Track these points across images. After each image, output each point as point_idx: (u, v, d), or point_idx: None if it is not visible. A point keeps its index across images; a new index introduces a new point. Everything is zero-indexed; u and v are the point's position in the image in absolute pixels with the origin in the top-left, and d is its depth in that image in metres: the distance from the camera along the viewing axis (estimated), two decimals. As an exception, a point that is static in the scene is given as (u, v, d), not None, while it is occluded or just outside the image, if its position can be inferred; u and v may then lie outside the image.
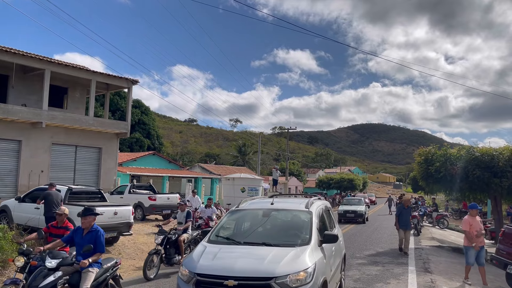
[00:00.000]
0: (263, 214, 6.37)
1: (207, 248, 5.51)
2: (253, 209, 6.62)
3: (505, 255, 9.94)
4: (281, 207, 6.50)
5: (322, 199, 7.92)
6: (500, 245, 10.37)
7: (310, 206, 6.33)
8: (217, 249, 5.40)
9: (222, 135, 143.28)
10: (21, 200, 12.39)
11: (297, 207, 6.40)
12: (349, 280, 8.94)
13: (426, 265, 10.95)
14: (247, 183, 24.46)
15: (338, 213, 24.82)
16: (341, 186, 65.14)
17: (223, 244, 5.65)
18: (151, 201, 17.79)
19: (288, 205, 6.70)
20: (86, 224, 6.02)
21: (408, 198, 14.41)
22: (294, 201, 7.12)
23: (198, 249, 5.56)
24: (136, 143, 46.82)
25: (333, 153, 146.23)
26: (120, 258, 7.02)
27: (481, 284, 9.25)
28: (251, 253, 5.22)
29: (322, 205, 7.02)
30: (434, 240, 16.68)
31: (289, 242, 5.52)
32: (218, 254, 5.22)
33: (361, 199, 28.61)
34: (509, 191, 15.01)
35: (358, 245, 14.81)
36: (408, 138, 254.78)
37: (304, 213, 6.15)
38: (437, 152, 16.36)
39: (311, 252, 5.22)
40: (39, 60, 17.10)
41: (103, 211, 11.20)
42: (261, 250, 5.23)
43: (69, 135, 18.31)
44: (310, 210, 6.18)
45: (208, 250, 5.42)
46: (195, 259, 5.21)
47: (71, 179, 18.11)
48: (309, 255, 5.13)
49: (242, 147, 66.19)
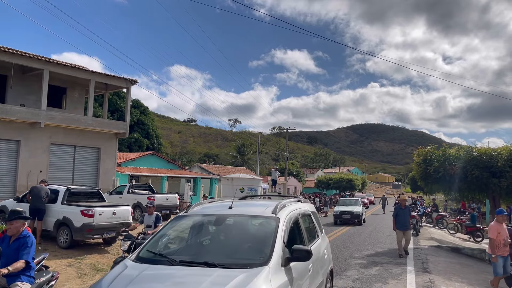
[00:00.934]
0: (216, 221, 4.94)
1: (126, 269, 3.98)
2: (205, 215, 5.09)
3: (503, 255, 9.93)
4: (240, 212, 4.96)
5: (305, 200, 6.77)
6: (499, 245, 10.37)
7: (279, 211, 4.79)
8: (137, 271, 3.88)
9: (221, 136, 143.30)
10: (19, 200, 12.39)
11: (261, 212, 4.89)
12: (347, 280, 8.94)
13: (424, 265, 10.96)
14: (246, 183, 24.43)
15: (334, 214, 24.10)
16: (340, 186, 65.29)
17: (151, 263, 4.11)
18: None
19: (251, 209, 5.25)
20: (13, 230, 4.90)
21: (404, 198, 13.88)
22: (261, 204, 5.54)
23: (115, 270, 4.02)
24: (135, 143, 46.81)
25: (332, 153, 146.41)
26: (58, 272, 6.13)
27: (484, 284, 9.25)
28: (182, 279, 3.76)
29: (298, 210, 5.49)
30: (433, 240, 16.69)
31: (240, 261, 4.03)
32: (136, 279, 3.70)
33: (358, 199, 26.95)
34: (508, 191, 15.05)
35: (356, 245, 14.81)
36: (407, 139, 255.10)
37: (269, 220, 4.63)
38: (436, 152, 16.40)
39: (267, 277, 3.71)
40: (37, 60, 17.08)
41: (102, 211, 11.20)
42: (197, 275, 3.74)
43: (68, 136, 18.29)
44: (278, 216, 4.65)
45: (125, 273, 3.87)
46: (102, 286, 3.70)
47: (70, 179, 18.10)
48: (264, 280, 3.64)
49: (241, 147, 66.23)
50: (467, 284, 9.28)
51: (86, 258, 10.63)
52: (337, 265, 10.86)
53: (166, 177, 30.05)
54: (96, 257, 10.94)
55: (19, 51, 17.07)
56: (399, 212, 12.92)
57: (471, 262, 13.15)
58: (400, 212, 12.91)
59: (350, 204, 24.97)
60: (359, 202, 25.66)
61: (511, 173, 14.60)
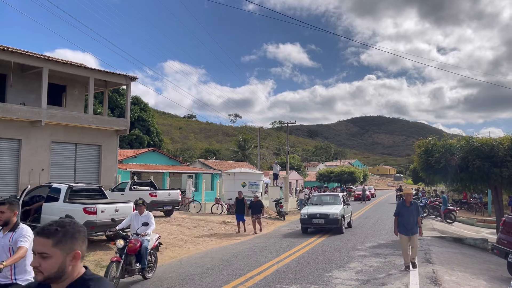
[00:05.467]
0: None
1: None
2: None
3: (506, 244, 9.97)
4: None
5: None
6: (501, 235, 10.40)
7: None
8: None
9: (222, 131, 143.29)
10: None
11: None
12: (351, 272, 8.98)
13: (427, 255, 10.99)
14: (248, 177, 24.50)
15: (301, 218, 16.30)
16: (342, 179, 65.38)
17: None
18: (152, 197, 17.83)
19: None
20: None
21: (409, 192, 10.29)
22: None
23: None
24: (136, 140, 46.83)
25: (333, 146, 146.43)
26: None
27: (487, 274, 9.28)
28: None
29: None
30: (435, 231, 16.72)
31: None
32: None
33: (337, 195, 18.21)
34: (509, 181, 15.04)
35: (359, 237, 14.85)
36: (408, 130, 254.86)
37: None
38: (437, 143, 16.38)
39: None
40: (37, 58, 17.05)
41: (104, 208, 11.22)
42: None
43: (69, 134, 18.29)
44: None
45: None
46: None
47: (71, 177, 18.12)
48: None
49: (242, 141, 66.24)
50: (470, 274, 9.31)
51: (90, 255, 10.68)
52: (340, 257, 10.91)
53: (167, 173, 30.08)
54: (100, 254, 10.99)
55: (18, 50, 17.04)
56: (403, 211, 9.61)
57: (473, 252, 13.18)
58: (404, 210, 9.61)
59: (325, 203, 17.54)
60: (339, 199, 17.49)
61: (512, 162, 14.62)
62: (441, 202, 23.61)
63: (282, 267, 9.66)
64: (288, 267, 9.61)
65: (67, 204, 11.41)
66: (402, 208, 9.67)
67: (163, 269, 9.74)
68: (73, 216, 10.96)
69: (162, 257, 11.56)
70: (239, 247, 13.09)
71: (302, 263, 10.07)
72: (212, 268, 9.71)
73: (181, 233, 15.26)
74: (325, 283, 8.07)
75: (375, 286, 7.83)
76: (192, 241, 13.98)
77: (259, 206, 17.10)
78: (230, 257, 11.16)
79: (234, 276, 8.73)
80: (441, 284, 7.96)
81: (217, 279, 8.52)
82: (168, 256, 11.70)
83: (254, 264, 10.00)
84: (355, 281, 8.18)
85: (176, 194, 19.32)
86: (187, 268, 9.77)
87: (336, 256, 11.03)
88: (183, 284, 8.20)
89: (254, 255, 11.32)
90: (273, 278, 8.49)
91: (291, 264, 9.98)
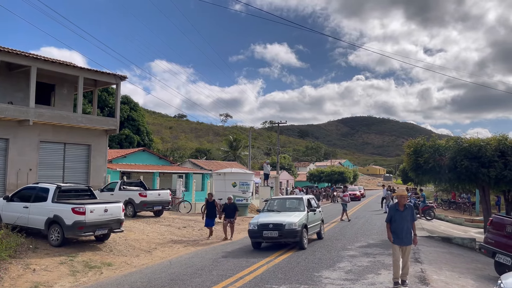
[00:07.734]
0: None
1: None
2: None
3: (493, 244, 10.09)
4: None
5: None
6: (489, 234, 10.53)
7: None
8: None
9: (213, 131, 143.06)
10: (9, 199, 12.27)
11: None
12: (340, 272, 9.01)
13: (416, 255, 11.08)
14: (239, 177, 24.45)
15: (249, 230, 12.37)
16: (332, 179, 65.63)
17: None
18: (142, 197, 17.74)
19: None
20: None
21: (403, 194, 8.42)
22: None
23: None
24: (126, 140, 46.47)
25: (323, 146, 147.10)
26: None
27: (474, 273, 9.38)
28: None
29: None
30: (424, 231, 16.87)
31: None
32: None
33: (301, 199, 13.81)
34: (497, 181, 15.21)
35: (349, 237, 14.92)
36: (398, 131, 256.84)
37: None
38: (426, 143, 16.52)
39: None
40: (25, 57, 16.83)
41: (93, 209, 11.13)
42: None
43: (57, 133, 18.09)
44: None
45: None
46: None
47: (60, 177, 17.93)
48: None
49: (233, 141, 66.17)
50: (458, 273, 9.41)
51: (78, 256, 10.57)
52: (329, 257, 10.94)
53: (157, 173, 29.93)
54: (89, 254, 10.89)
55: (5, 48, 16.80)
56: (396, 216, 8.17)
57: (461, 252, 13.33)
58: (397, 215, 8.15)
59: (283, 209, 13.58)
60: (303, 204, 13.35)
61: (499, 163, 14.77)
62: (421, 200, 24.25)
63: (272, 267, 9.67)
64: (278, 267, 9.62)
65: (55, 204, 11.29)
66: (394, 213, 8.20)
67: (153, 270, 9.69)
68: (61, 216, 10.88)
69: (151, 257, 11.51)
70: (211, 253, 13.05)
71: (292, 263, 10.09)
72: (202, 268, 9.69)
73: (171, 233, 15.20)
74: (315, 283, 8.10)
75: (364, 286, 7.87)
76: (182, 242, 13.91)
77: (234, 209, 15.02)
78: (220, 257, 11.15)
79: (224, 277, 8.72)
80: (430, 283, 8.04)
81: (207, 280, 8.50)
82: (157, 256, 11.64)
83: (244, 264, 10.00)
84: (344, 281, 8.21)
85: (166, 194, 19.24)
86: (176, 269, 9.74)
87: (326, 256, 11.07)
88: (173, 285, 8.16)
89: (244, 255, 11.31)
90: (263, 278, 8.49)
91: (281, 264, 10.00)
